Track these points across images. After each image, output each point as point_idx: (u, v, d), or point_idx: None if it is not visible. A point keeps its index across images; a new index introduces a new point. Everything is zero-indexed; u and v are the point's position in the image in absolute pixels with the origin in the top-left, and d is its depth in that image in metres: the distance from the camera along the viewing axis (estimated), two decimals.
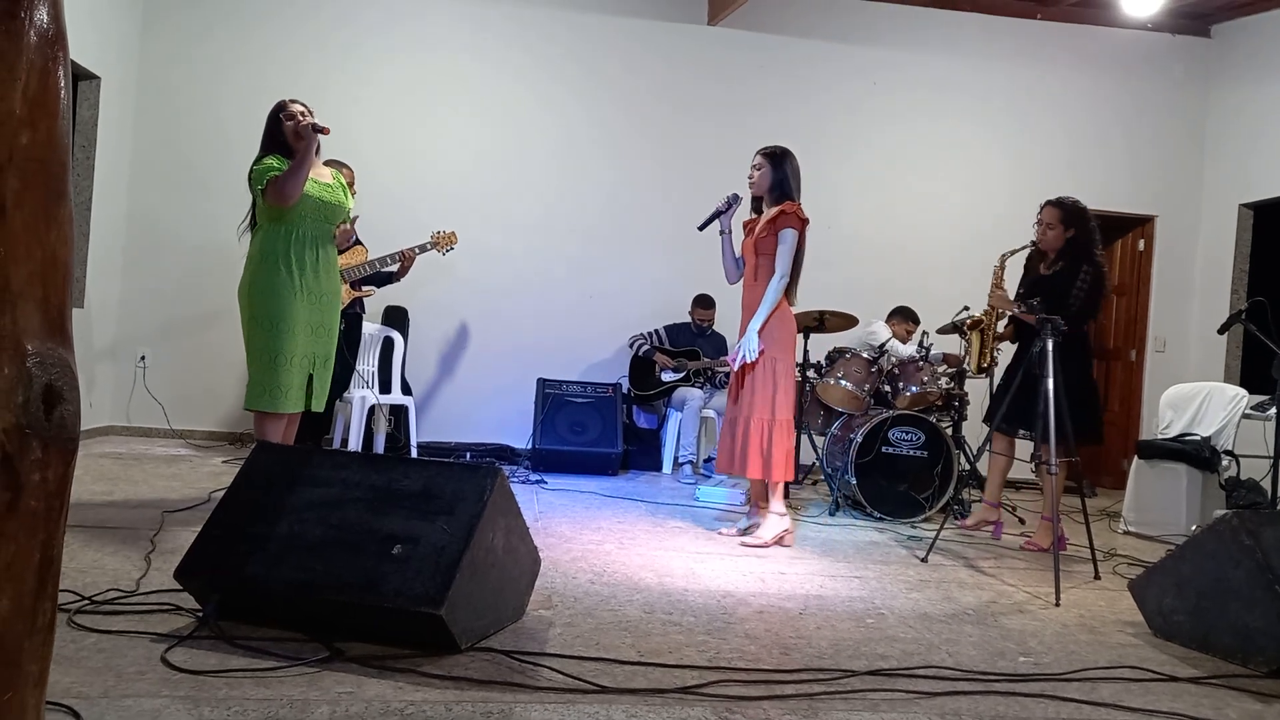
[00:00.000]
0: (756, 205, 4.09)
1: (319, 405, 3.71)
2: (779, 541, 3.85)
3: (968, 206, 6.80)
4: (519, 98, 6.39)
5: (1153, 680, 2.42)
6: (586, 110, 6.47)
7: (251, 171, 3.61)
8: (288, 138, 3.60)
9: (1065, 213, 4.15)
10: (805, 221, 3.91)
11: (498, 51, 6.36)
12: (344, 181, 3.83)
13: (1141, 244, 7.07)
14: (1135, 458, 5.08)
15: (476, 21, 6.33)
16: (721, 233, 4.06)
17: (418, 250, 5.06)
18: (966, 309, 5.28)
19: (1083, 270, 4.06)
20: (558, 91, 6.43)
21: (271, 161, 3.57)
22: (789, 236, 3.86)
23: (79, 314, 5.48)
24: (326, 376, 3.72)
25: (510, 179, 6.37)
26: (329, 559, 2.24)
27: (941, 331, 5.51)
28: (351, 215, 4.29)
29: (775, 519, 3.87)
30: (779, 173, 3.97)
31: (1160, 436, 5.11)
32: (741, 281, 4.07)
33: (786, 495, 4.03)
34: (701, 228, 4.10)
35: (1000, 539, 4.42)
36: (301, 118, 3.59)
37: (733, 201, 4.07)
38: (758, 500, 4.07)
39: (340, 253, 4.05)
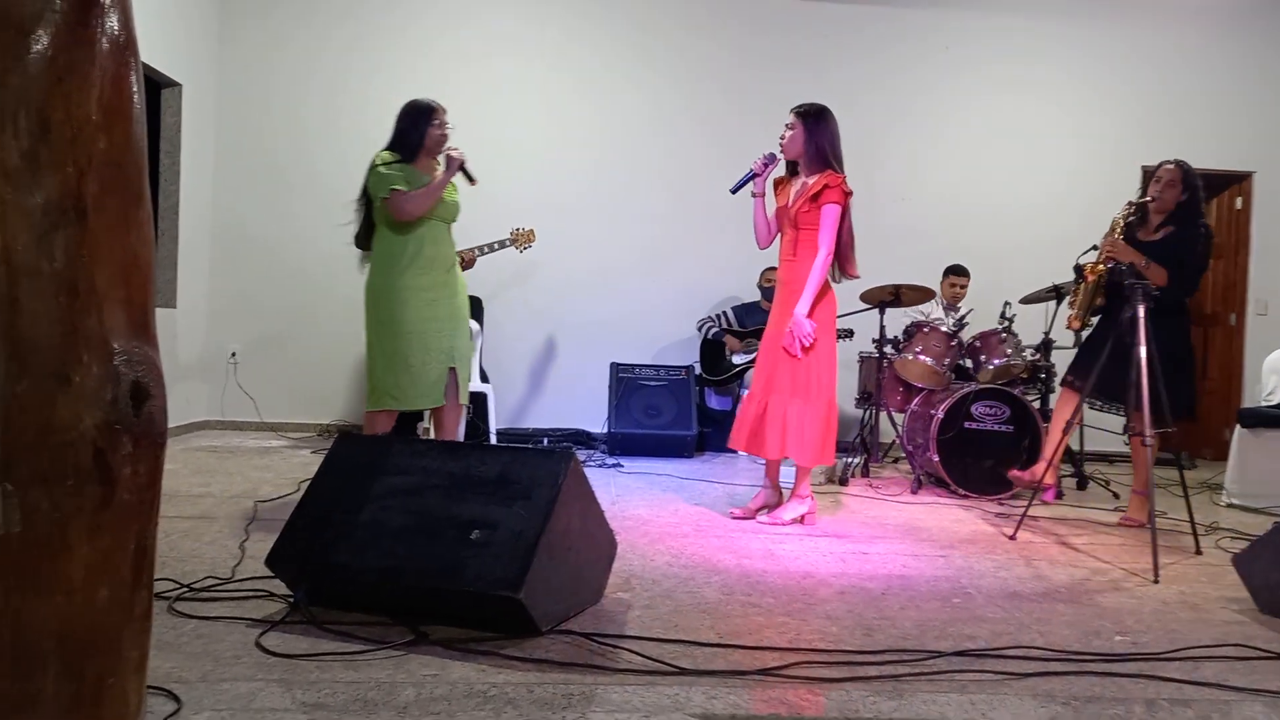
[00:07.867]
0: (791, 167, 3.87)
1: (464, 398, 3.69)
2: (800, 521, 3.78)
3: (1049, 171, 6.55)
4: (582, 87, 6.39)
5: (1260, 658, 2.31)
6: (645, 95, 6.42)
7: (373, 170, 3.55)
8: (427, 142, 3.57)
9: (1185, 173, 3.94)
10: (848, 194, 3.70)
11: (560, 43, 6.38)
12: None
13: (1239, 202, 6.70)
14: (1237, 427, 4.83)
15: (541, 17, 6.35)
16: (755, 195, 3.87)
17: (494, 247, 5.13)
18: (1056, 287, 5.07)
19: (1198, 233, 3.87)
20: (617, 77, 6.40)
21: (394, 170, 3.52)
22: (831, 213, 3.66)
23: (172, 314, 5.71)
24: (467, 369, 3.69)
25: (578, 167, 6.39)
26: (411, 545, 2.29)
27: (1025, 301, 5.34)
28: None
29: (798, 501, 3.81)
30: (815, 135, 3.73)
31: (1264, 403, 4.87)
32: (778, 252, 3.90)
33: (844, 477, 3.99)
34: (734, 190, 3.88)
35: (1052, 502, 4.24)
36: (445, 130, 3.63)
37: (769, 162, 3.84)
38: (771, 479, 3.95)
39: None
